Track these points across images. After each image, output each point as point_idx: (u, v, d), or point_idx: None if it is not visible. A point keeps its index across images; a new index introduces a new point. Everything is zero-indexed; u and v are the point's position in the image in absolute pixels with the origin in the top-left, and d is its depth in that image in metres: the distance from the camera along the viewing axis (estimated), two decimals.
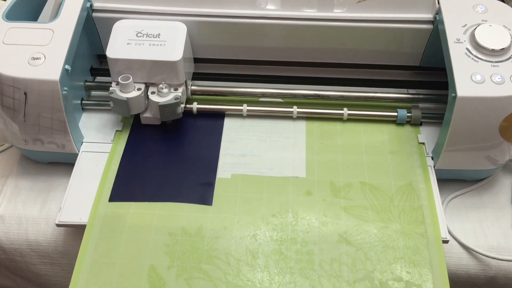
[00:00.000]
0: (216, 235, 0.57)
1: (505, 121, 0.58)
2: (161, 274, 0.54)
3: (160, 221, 0.58)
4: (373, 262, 0.55)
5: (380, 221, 0.58)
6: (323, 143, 0.65)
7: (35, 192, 0.66)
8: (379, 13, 0.65)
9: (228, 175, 0.62)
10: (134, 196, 0.60)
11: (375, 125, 0.67)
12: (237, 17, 0.65)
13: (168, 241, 0.56)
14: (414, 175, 0.62)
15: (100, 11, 0.66)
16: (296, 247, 0.56)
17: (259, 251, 0.56)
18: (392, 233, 0.57)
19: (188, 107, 0.67)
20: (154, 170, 0.62)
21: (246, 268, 0.55)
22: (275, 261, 0.55)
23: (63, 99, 0.59)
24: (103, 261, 0.55)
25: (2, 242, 0.63)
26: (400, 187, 0.61)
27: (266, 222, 0.58)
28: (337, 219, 0.58)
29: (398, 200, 0.60)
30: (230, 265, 0.55)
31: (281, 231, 0.58)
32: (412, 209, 0.59)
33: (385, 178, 0.62)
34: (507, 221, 0.64)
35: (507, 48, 0.59)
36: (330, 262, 0.55)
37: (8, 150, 0.70)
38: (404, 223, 0.58)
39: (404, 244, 0.56)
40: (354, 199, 0.60)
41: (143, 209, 0.59)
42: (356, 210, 0.59)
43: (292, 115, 0.67)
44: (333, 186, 0.61)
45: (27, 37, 0.61)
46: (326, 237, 0.57)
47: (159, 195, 0.60)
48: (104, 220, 0.58)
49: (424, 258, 0.55)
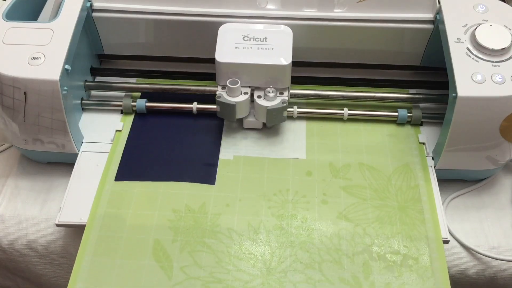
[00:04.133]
0: (219, 212, 0.59)
1: (505, 121, 0.58)
2: (166, 247, 0.56)
3: (165, 199, 0.60)
4: (371, 237, 0.57)
5: (378, 199, 0.60)
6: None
7: (35, 192, 0.66)
8: (379, 12, 0.65)
9: (231, 156, 0.64)
10: (139, 176, 0.62)
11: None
12: (237, 17, 0.65)
13: (172, 217, 0.58)
14: (411, 156, 0.64)
15: (100, 11, 0.66)
16: (296, 223, 0.58)
17: (261, 227, 0.58)
18: (390, 210, 0.59)
19: (188, 107, 0.67)
20: (159, 152, 0.64)
21: (248, 242, 0.57)
22: (276, 235, 0.57)
23: (63, 99, 0.59)
24: (109, 236, 0.57)
25: (2, 242, 0.63)
26: (397, 168, 0.63)
27: (268, 200, 0.60)
28: (337, 198, 0.60)
29: (395, 180, 0.62)
30: (233, 239, 0.57)
31: (281, 208, 0.59)
32: (409, 188, 0.61)
33: (383, 160, 0.64)
34: (508, 221, 0.63)
35: (507, 48, 0.59)
36: (330, 237, 0.57)
37: (8, 150, 0.70)
38: (401, 201, 0.60)
39: (401, 221, 0.58)
40: (353, 179, 0.62)
41: (148, 187, 0.61)
42: (355, 189, 0.61)
43: (292, 115, 0.67)
44: (333, 167, 0.63)
45: (27, 37, 0.61)
46: (325, 214, 0.59)
47: (163, 175, 0.62)
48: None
49: (420, 233, 0.57)
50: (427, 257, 0.56)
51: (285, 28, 0.65)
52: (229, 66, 0.62)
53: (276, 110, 0.62)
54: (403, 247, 0.56)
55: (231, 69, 0.62)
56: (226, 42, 0.63)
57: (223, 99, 0.62)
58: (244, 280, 0.54)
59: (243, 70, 0.62)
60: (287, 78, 0.63)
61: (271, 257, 0.56)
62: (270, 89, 0.62)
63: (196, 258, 0.56)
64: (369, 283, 0.54)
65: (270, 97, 0.62)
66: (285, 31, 0.64)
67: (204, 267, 0.55)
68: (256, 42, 0.63)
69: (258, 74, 0.62)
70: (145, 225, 0.58)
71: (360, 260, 0.56)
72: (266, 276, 0.55)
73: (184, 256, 0.56)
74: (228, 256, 0.56)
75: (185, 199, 0.60)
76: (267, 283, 0.54)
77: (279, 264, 0.55)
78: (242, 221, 0.58)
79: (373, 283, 0.54)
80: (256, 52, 0.62)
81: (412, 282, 0.54)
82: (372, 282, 0.54)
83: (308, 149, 0.65)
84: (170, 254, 0.56)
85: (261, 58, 0.61)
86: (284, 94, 0.63)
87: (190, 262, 0.55)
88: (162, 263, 0.55)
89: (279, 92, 0.63)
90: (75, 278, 0.54)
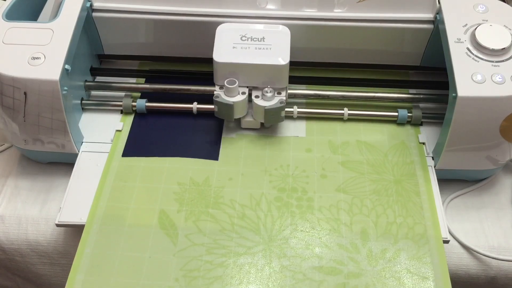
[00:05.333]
0: (222, 185, 0.61)
1: (505, 121, 0.58)
2: (171, 216, 0.59)
3: (170, 173, 0.62)
4: (368, 208, 0.60)
5: (375, 173, 0.63)
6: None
7: (35, 192, 0.66)
8: (379, 12, 0.65)
9: (233, 135, 0.66)
10: (145, 152, 0.64)
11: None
12: (237, 17, 0.65)
13: (177, 189, 0.61)
14: (406, 135, 0.66)
15: (100, 10, 0.66)
16: (296, 195, 0.61)
17: (262, 198, 0.60)
18: (386, 183, 0.62)
19: (189, 107, 0.67)
20: (164, 130, 0.66)
21: (250, 212, 0.59)
22: (277, 206, 0.60)
23: (63, 99, 0.59)
24: (116, 206, 0.59)
25: (2, 242, 0.63)
26: (394, 145, 0.65)
27: (269, 174, 0.62)
28: (335, 172, 0.63)
29: (391, 156, 0.64)
30: (235, 209, 0.59)
31: (282, 182, 0.62)
32: (405, 163, 0.64)
33: (379, 138, 0.66)
34: (508, 221, 0.63)
35: (507, 48, 0.59)
36: (329, 208, 0.60)
37: (8, 150, 0.70)
38: (397, 175, 0.62)
39: (397, 193, 0.61)
40: (350, 155, 0.64)
41: (153, 162, 0.63)
42: (353, 165, 0.64)
43: (292, 115, 0.67)
44: (332, 144, 0.65)
45: (27, 37, 0.61)
46: (324, 187, 0.61)
47: (168, 151, 0.64)
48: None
49: (415, 204, 0.60)
50: (422, 226, 0.58)
51: (283, 28, 0.65)
52: (226, 66, 0.62)
53: (274, 110, 0.62)
54: (399, 216, 0.59)
55: (229, 69, 0.62)
56: (224, 42, 0.63)
57: (221, 99, 0.62)
58: (247, 246, 0.56)
59: (240, 70, 0.62)
60: (285, 78, 0.63)
61: (272, 225, 0.58)
62: (268, 89, 0.62)
63: (201, 226, 0.58)
64: (367, 249, 0.56)
65: (268, 97, 0.62)
66: (283, 31, 0.64)
67: (208, 235, 0.57)
68: (254, 42, 0.63)
69: (256, 74, 0.62)
70: (151, 196, 0.60)
71: (358, 229, 0.58)
72: (268, 243, 0.57)
73: (189, 224, 0.58)
74: (231, 225, 0.58)
75: (190, 173, 0.62)
76: (269, 249, 0.56)
77: (280, 232, 0.58)
78: (244, 193, 0.61)
79: (370, 249, 0.56)
80: (254, 52, 0.62)
81: (408, 248, 0.56)
82: (369, 248, 0.56)
83: (308, 129, 0.67)
84: (175, 222, 0.58)
85: (259, 58, 0.62)
86: (282, 94, 0.63)
87: (195, 230, 0.58)
88: (168, 230, 0.57)
89: (277, 92, 0.63)
90: (81, 252, 0.56)
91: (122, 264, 0.55)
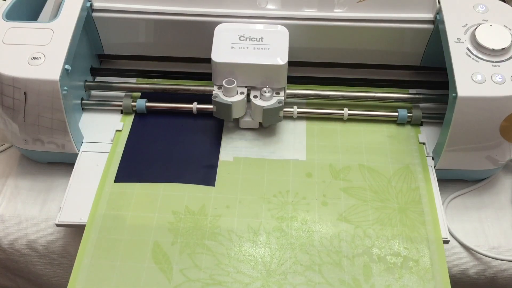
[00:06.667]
0: (219, 213, 0.59)
1: (505, 121, 0.58)
2: (165, 249, 0.56)
3: (164, 200, 0.60)
4: (371, 239, 0.57)
5: (378, 201, 0.60)
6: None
7: (35, 192, 0.66)
8: (379, 12, 0.65)
9: (231, 158, 0.64)
10: (139, 177, 0.62)
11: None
12: (237, 17, 0.65)
13: (171, 219, 0.58)
14: (411, 158, 0.64)
15: (100, 10, 0.66)
16: (296, 224, 0.58)
17: (261, 229, 0.58)
18: (390, 212, 0.59)
19: (188, 107, 0.67)
20: (158, 153, 0.64)
21: (248, 244, 0.57)
22: (276, 237, 0.57)
23: (63, 99, 0.59)
24: (108, 237, 0.57)
25: (2, 242, 0.63)
26: (398, 170, 0.63)
27: (268, 202, 0.60)
28: (337, 199, 0.60)
29: (395, 182, 0.62)
30: (233, 241, 0.57)
31: (281, 210, 0.59)
32: (409, 190, 0.61)
33: (383, 161, 0.64)
34: (508, 221, 0.63)
35: (507, 48, 0.59)
36: (330, 239, 0.57)
37: (8, 150, 0.70)
38: (402, 202, 0.60)
39: (401, 222, 0.58)
40: (353, 181, 0.62)
41: (147, 189, 0.61)
42: (355, 191, 0.61)
43: (292, 115, 0.67)
44: (333, 169, 0.63)
45: (27, 37, 0.61)
46: (325, 216, 0.59)
47: (163, 176, 0.62)
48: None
49: (421, 235, 0.57)
50: (428, 259, 0.55)
51: (282, 28, 0.64)
52: (225, 66, 0.62)
53: (272, 110, 0.62)
54: (404, 248, 0.56)
55: (227, 69, 0.62)
56: (222, 42, 0.63)
57: (219, 99, 0.62)
58: (244, 282, 0.54)
59: (239, 70, 0.62)
60: (283, 78, 0.63)
61: (271, 259, 0.56)
62: (266, 89, 0.62)
63: (196, 260, 0.55)
64: (369, 285, 0.54)
65: (266, 97, 0.62)
66: (282, 31, 0.64)
67: (204, 269, 0.55)
68: (252, 42, 0.63)
69: (254, 74, 0.62)
70: (145, 227, 0.57)
71: (361, 262, 0.55)
72: (266, 278, 0.54)
73: (184, 258, 0.55)
74: (228, 258, 0.55)
75: (185, 201, 0.60)
76: (267, 285, 0.54)
77: (279, 266, 0.55)
78: (242, 223, 0.58)
79: (374, 285, 0.54)
80: (252, 52, 0.62)
81: (413, 284, 0.54)
82: (372, 284, 0.54)
83: (308, 150, 0.65)
84: (169, 256, 0.55)
85: (257, 58, 0.61)
86: (280, 94, 0.63)
87: (190, 264, 0.55)
88: (162, 265, 0.55)
89: (275, 92, 0.63)
90: (75, 280, 0.54)
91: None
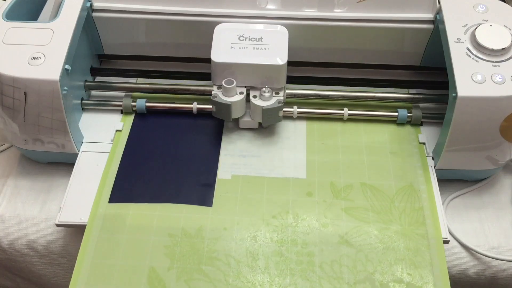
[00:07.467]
0: (216, 236, 0.57)
1: (505, 121, 0.58)
2: (161, 275, 0.54)
3: (160, 222, 0.58)
4: (373, 264, 0.55)
5: (381, 222, 0.58)
6: (323, 143, 0.65)
7: (35, 192, 0.66)
8: (379, 12, 0.65)
9: (229, 176, 0.62)
10: (133, 197, 0.60)
11: (376, 125, 0.67)
12: (237, 17, 0.65)
13: (168, 242, 0.56)
14: (414, 175, 0.62)
15: (100, 10, 0.66)
16: (296, 248, 0.56)
17: (260, 253, 0.56)
18: (393, 235, 0.57)
19: (188, 107, 0.67)
20: (154, 171, 0.62)
21: (246, 269, 0.55)
22: (275, 262, 0.55)
23: (63, 99, 0.59)
24: (103, 263, 0.55)
25: (2, 242, 0.63)
26: (401, 188, 0.61)
27: (267, 223, 0.58)
28: (338, 220, 0.58)
29: (398, 201, 0.60)
30: (230, 266, 0.55)
31: (281, 232, 0.57)
32: (413, 210, 0.59)
33: (385, 179, 0.62)
34: (508, 221, 0.63)
35: (507, 48, 0.59)
36: (331, 264, 0.55)
37: (8, 150, 0.70)
38: (405, 224, 0.58)
39: (405, 246, 0.56)
40: (354, 200, 0.60)
41: (142, 210, 0.59)
42: (357, 212, 0.59)
43: (292, 115, 0.67)
44: (334, 187, 0.61)
45: (27, 37, 0.61)
46: (326, 239, 0.57)
47: (158, 197, 0.60)
48: (104, 220, 0.58)
49: (425, 260, 0.55)
50: (432, 285, 0.54)
51: (281, 28, 0.64)
52: (224, 66, 0.62)
53: (272, 110, 0.62)
54: (407, 274, 0.54)
55: (227, 69, 0.62)
56: (222, 42, 0.63)
57: (218, 99, 0.62)
58: None
59: (238, 70, 0.62)
60: (282, 78, 0.63)
61: (270, 285, 0.54)
62: (265, 89, 0.62)
63: (193, 287, 0.54)
64: None
65: (265, 97, 0.62)
66: (281, 31, 0.64)
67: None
68: (251, 42, 0.63)
69: (254, 74, 0.62)
70: (140, 251, 0.56)
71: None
72: None
73: (180, 285, 0.53)
74: (225, 285, 0.54)
75: (182, 223, 0.58)
76: None
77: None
78: (240, 247, 0.56)
79: None
80: (251, 52, 0.62)
81: None
82: None
83: (309, 166, 0.63)
84: (166, 283, 0.54)
85: (256, 58, 0.61)
86: (279, 94, 0.63)
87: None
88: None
89: (275, 92, 0.63)
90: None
91: None
